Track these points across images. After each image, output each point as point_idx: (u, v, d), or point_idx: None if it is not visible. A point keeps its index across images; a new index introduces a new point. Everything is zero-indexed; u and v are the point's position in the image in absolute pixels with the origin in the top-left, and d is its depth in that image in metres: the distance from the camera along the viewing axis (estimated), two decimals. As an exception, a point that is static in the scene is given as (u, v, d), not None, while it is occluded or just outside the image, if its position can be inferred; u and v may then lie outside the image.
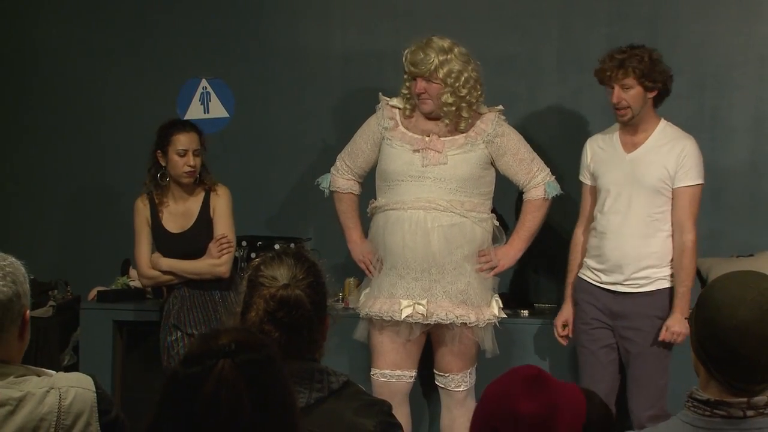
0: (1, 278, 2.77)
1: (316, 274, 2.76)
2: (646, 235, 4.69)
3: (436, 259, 4.67)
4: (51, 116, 6.05)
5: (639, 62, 4.65)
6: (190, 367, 2.02)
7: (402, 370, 4.79)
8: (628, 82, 4.66)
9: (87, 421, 2.82)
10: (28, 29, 6.05)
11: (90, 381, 2.87)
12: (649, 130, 4.76)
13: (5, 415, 2.73)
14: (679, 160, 4.68)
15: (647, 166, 4.69)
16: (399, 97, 4.84)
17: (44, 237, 5.88)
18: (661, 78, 4.71)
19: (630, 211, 4.70)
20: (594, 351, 4.74)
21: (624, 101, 4.68)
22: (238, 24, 5.82)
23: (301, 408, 2.29)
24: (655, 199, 4.69)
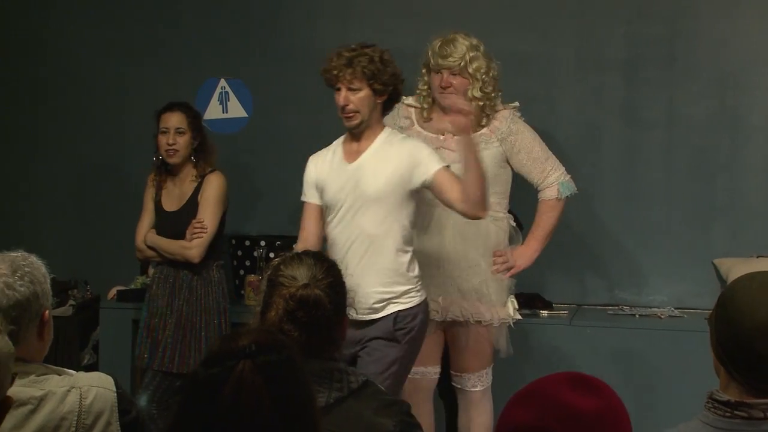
0: (20, 278, 2.79)
1: (336, 274, 2.78)
2: (375, 251, 4.28)
3: (450, 256, 4.67)
4: (70, 115, 6.07)
5: (369, 62, 4.27)
6: (211, 367, 2.03)
7: (426, 367, 4.79)
8: (356, 83, 4.29)
9: (107, 420, 2.83)
10: (47, 26, 6.06)
11: (111, 381, 2.88)
12: (372, 138, 4.35)
13: (26, 414, 2.74)
14: (412, 156, 4.27)
15: (370, 175, 4.30)
16: (415, 96, 4.84)
17: (64, 236, 5.90)
18: (392, 81, 4.31)
19: (354, 225, 4.31)
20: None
21: (352, 104, 4.31)
22: (257, 24, 5.83)
23: (320, 408, 2.29)
24: (379, 209, 4.29)
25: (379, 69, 4.27)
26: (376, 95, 4.29)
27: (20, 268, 2.80)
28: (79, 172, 6.08)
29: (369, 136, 4.34)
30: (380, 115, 4.36)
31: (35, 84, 6.10)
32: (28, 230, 5.94)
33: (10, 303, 2.76)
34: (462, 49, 4.66)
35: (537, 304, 5.35)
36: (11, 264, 2.81)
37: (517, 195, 4.90)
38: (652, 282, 5.56)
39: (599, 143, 5.63)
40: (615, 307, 5.49)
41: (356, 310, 4.11)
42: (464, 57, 4.65)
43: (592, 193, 5.52)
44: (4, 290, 2.76)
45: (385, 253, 4.27)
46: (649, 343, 5.08)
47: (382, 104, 4.34)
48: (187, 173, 5.10)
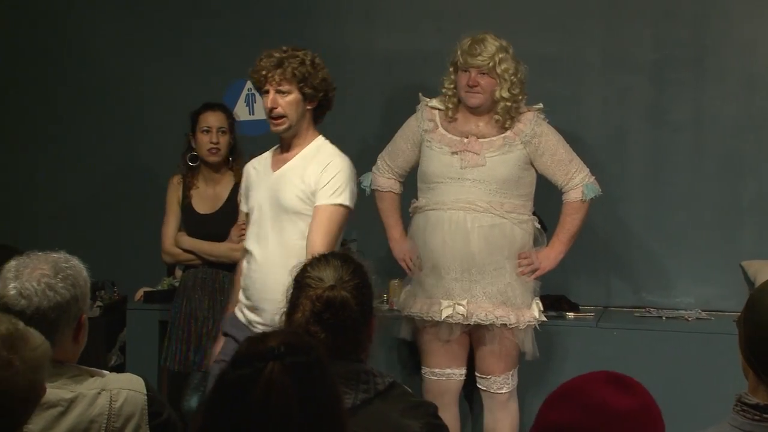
0: (62, 280, 2.80)
1: (363, 276, 2.78)
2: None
3: (476, 259, 4.66)
4: (94, 116, 6.09)
5: (300, 64, 4.12)
6: (239, 368, 2.03)
7: (452, 369, 4.79)
8: (285, 85, 4.13)
9: (137, 423, 2.84)
10: (70, 27, 6.08)
11: (141, 383, 2.89)
12: (300, 147, 4.21)
13: (56, 416, 2.75)
14: (323, 178, 4.09)
15: (287, 185, 4.15)
16: (439, 98, 4.83)
17: (91, 238, 5.92)
18: (323, 87, 4.18)
19: (272, 236, 4.15)
20: None
21: (280, 108, 4.14)
22: (283, 26, 5.83)
23: (347, 409, 2.29)
24: (299, 222, 4.12)
25: (310, 72, 4.12)
26: (306, 100, 4.15)
27: (62, 270, 2.81)
28: (106, 173, 6.11)
29: (298, 145, 4.19)
30: (311, 123, 4.20)
31: (59, 85, 6.12)
32: (55, 232, 5.97)
33: (50, 305, 2.77)
34: (492, 49, 4.66)
35: (563, 306, 5.34)
36: (54, 266, 2.82)
37: (541, 197, 4.88)
38: (679, 284, 5.54)
39: (626, 145, 5.61)
40: (642, 310, 5.48)
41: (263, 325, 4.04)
42: (494, 57, 4.65)
43: (618, 195, 5.51)
44: (45, 291, 2.77)
45: None
46: (676, 346, 5.05)
47: (312, 112, 4.19)
48: (223, 174, 5.10)
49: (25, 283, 2.77)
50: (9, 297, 2.76)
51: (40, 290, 2.76)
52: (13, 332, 2.26)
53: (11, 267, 2.81)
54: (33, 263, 2.81)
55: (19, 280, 2.78)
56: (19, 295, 2.76)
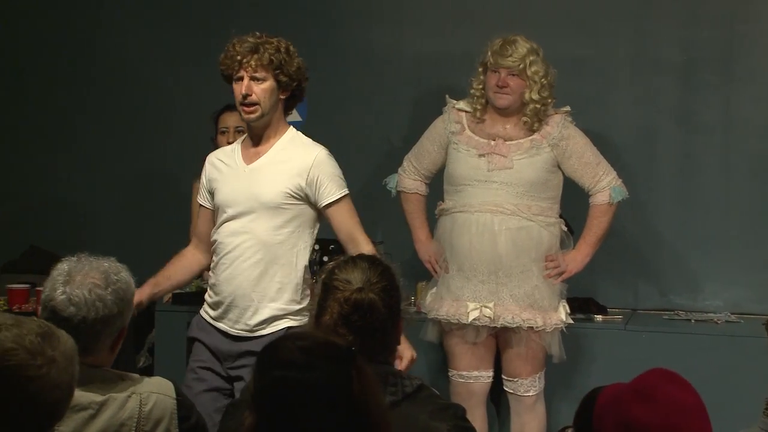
0: (112, 293, 2.81)
1: (390, 278, 2.77)
2: (268, 262, 4.04)
3: (503, 262, 4.66)
4: (125, 121, 6.12)
5: (276, 51, 4.00)
6: (306, 371, 2.05)
7: (479, 371, 4.79)
8: (261, 72, 3.99)
9: (166, 427, 2.85)
10: (101, 30, 6.11)
11: (171, 387, 2.90)
12: (273, 139, 4.09)
13: (87, 418, 2.76)
14: (315, 173, 4.02)
15: (265, 179, 4.04)
16: (466, 100, 4.83)
17: (120, 239, 5.94)
18: (297, 76, 4.05)
19: (247, 232, 4.05)
20: (195, 394, 3.91)
21: (254, 95, 4.00)
22: (311, 28, 5.84)
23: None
24: (276, 218, 4.06)
25: (285, 60, 4.00)
26: (280, 89, 4.02)
27: (113, 283, 2.83)
28: (134, 174, 6.13)
29: (270, 137, 4.08)
30: (282, 114, 4.09)
31: (88, 89, 6.15)
32: (85, 233, 6.00)
33: (97, 316, 2.79)
34: (522, 50, 4.65)
35: (591, 309, 5.32)
36: (105, 276, 2.83)
37: (569, 199, 4.87)
38: (708, 287, 5.51)
39: (655, 147, 5.59)
40: (670, 312, 5.45)
41: (242, 324, 4.02)
42: (524, 59, 4.64)
43: (647, 197, 5.49)
44: (95, 302, 2.79)
45: (279, 265, 4.03)
46: (705, 349, 5.03)
47: (284, 102, 4.08)
48: None
49: (75, 290, 2.78)
50: (58, 302, 2.78)
51: (90, 301, 2.78)
52: (47, 330, 2.28)
53: (63, 270, 2.83)
54: (85, 270, 2.82)
55: (69, 285, 2.79)
56: (69, 301, 2.77)
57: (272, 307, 4.04)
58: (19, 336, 2.22)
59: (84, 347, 2.74)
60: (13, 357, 2.19)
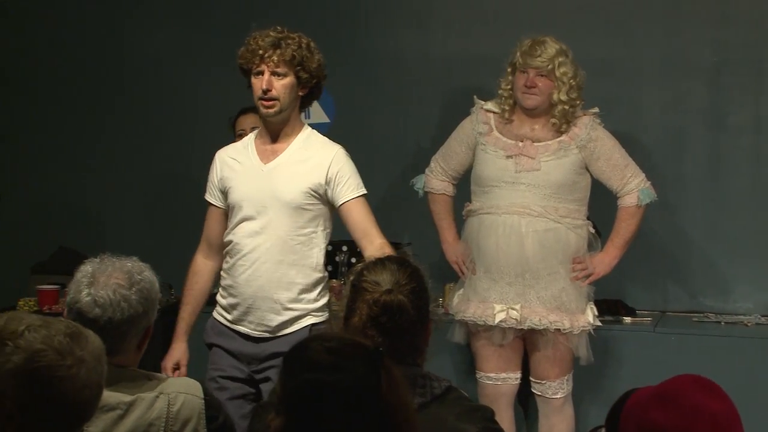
0: (136, 293, 2.83)
1: (419, 280, 2.77)
2: (289, 263, 4.01)
3: (530, 264, 4.64)
4: (152, 122, 6.14)
5: (297, 47, 3.95)
6: (334, 373, 2.05)
7: (506, 373, 4.78)
8: (282, 67, 3.94)
9: (194, 427, 2.85)
10: (126, 33, 6.13)
11: (198, 387, 2.90)
12: (290, 137, 4.06)
13: (115, 419, 2.77)
14: (337, 174, 3.99)
15: (285, 178, 4.00)
16: (494, 100, 4.82)
17: (149, 241, 5.96)
18: (317, 73, 4.00)
19: (267, 231, 4.00)
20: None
21: (274, 90, 3.95)
22: (339, 30, 5.85)
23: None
24: (297, 217, 4.00)
25: (306, 56, 3.95)
26: (300, 85, 3.97)
27: (137, 283, 2.84)
28: (160, 176, 6.15)
29: (287, 134, 4.03)
30: (298, 111, 4.04)
31: (116, 93, 6.17)
32: (111, 235, 6.02)
33: (123, 317, 2.80)
34: (552, 51, 4.64)
35: (620, 311, 5.30)
36: (129, 276, 2.84)
37: (597, 201, 4.85)
38: (738, 289, 5.48)
39: (684, 148, 5.57)
40: (700, 314, 5.42)
41: (264, 326, 3.99)
42: (553, 60, 4.63)
43: (677, 199, 5.47)
44: (120, 303, 2.80)
45: (300, 266, 4.01)
46: (735, 351, 5.00)
47: (302, 99, 4.02)
48: None
49: (100, 291, 2.80)
50: (83, 304, 2.79)
51: (115, 301, 2.79)
52: (75, 330, 2.29)
53: (86, 272, 2.84)
54: (108, 271, 2.83)
55: (94, 287, 2.80)
56: (94, 303, 2.79)
57: (294, 308, 4.02)
58: (48, 337, 2.23)
59: (111, 348, 2.74)
60: (43, 358, 2.20)
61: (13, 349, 2.21)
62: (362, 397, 2.04)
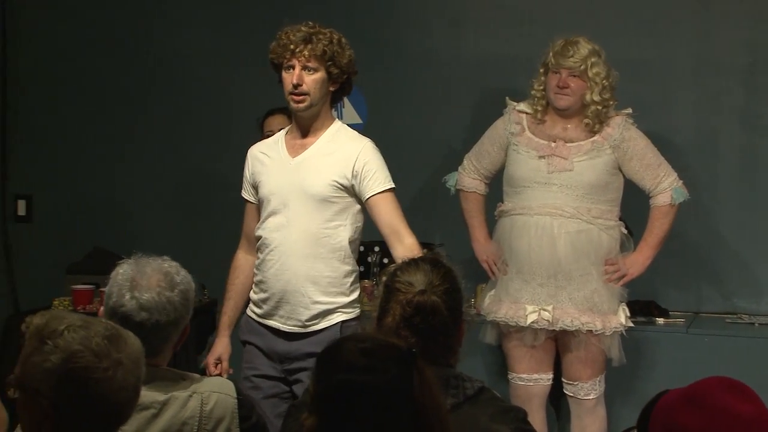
0: (178, 294, 2.85)
1: (452, 280, 2.77)
2: (316, 256, 4.01)
3: (562, 265, 4.63)
4: (186, 122, 6.16)
5: (329, 42, 3.94)
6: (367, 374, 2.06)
7: (538, 374, 4.77)
8: (313, 62, 3.93)
9: (228, 426, 2.86)
10: (157, 30, 6.15)
11: (231, 386, 2.92)
12: (319, 131, 4.04)
13: (149, 418, 2.78)
14: (365, 166, 3.98)
15: (312, 171, 4.00)
16: (527, 101, 4.81)
17: (182, 241, 5.98)
18: (348, 69, 3.99)
19: (295, 225, 4.00)
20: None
21: (305, 85, 3.93)
22: (371, 31, 5.85)
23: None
24: (325, 211, 4.00)
25: (338, 51, 3.93)
26: (331, 80, 3.95)
27: (177, 285, 2.86)
28: (195, 177, 6.17)
29: (316, 129, 4.02)
30: (329, 106, 4.03)
31: (146, 91, 6.19)
32: (145, 235, 6.04)
33: (168, 319, 2.83)
34: (584, 52, 4.63)
35: (653, 312, 5.28)
36: (170, 278, 2.86)
37: (629, 202, 4.84)
38: (771, 290, 5.46)
39: (717, 149, 5.54)
40: (733, 316, 5.39)
41: (295, 320, 3.99)
42: (586, 60, 4.62)
43: (710, 200, 5.44)
44: (165, 305, 2.82)
45: (328, 259, 4.00)
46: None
47: (332, 95, 4.02)
48: None
49: (144, 295, 2.81)
50: (129, 308, 2.80)
51: (160, 304, 2.81)
52: (114, 332, 2.30)
53: (126, 275, 2.85)
54: (148, 273, 2.85)
55: (137, 290, 2.82)
56: (140, 307, 2.80)
57: (324, 302, 4.01)
58: (86, 338, 2.24)
59: (154, 349, 2.78)
60: (80, 359, 2.22)
61: (52, 348, 2.23)
62: (394, 398, 2.04)
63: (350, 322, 4.03)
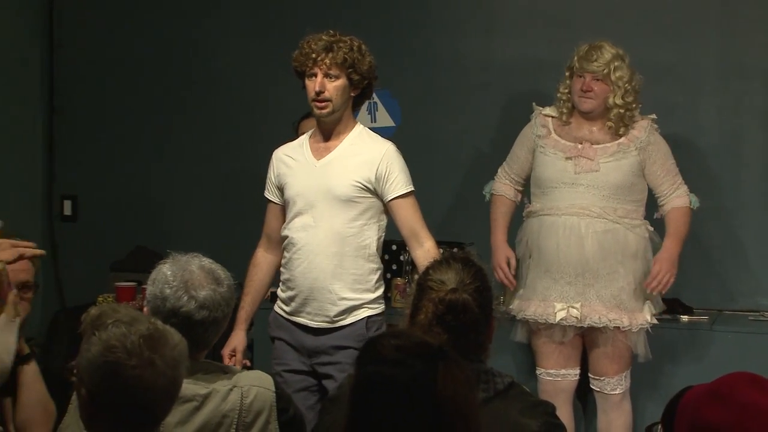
0: (227, 289, 2.88)
1: (483, 279, 2.77)
2: (342, 254, 4.03)
3: (589, 264, 4.61)
4: (222, 122, 6.18)
5: (349, 50, 3.96)
6: (395, 367, 2.07)
7: (566, 369, 4.76)
8: (334, 70, 3.97)
9: (266, 419, 2.88)
10: (202, 36, 6.18)
11: (270, 380, 2.93)
12: (342, 134, 4.08)
13: (191, 410, 2.80)
14: (387, 169, 4.02)
15: (337, 173, 4.03)
16: (553, 105, 4.81)
17: (221, 239, 6.00)
18: (368, 74, 4.02)
19: (321, 224, 4.03)
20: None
21: (327, 92, 3.97)
22: (404, 38, 5.85)
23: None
24: (350, 211, 4.03)
25: (358, 59, 3.96)
26: (352, 87, 3.99)
27: (223, 281, 2.90)
28: (230, 177, 6.18)
29: (339, 132, 4.06)
30: (351, 110, 4.07)
31: (187, 94, 6.22)
32: (184, 234, 6.07)
33: (223, 314, 2.88)
34: (608, 56, 4.62)
35: (677, 309, 5.26)
36: (215, 276, 2.89)
37: (649, 209, 4.83)
38: (795, 288, 5.43)
39: (741, 151, 5.51)
40: (756, 314, 5.35)
41: (322, 316, 4.02)
42: (609, 64, 4.61)
43: (733, 201, 5.41)
44: (220, 302, 2.85)
45: (353, 257, 4.03)
46: (791, 349, 4.95)
47: (354, 99, 4.05)
48: None
49: (200, 294, 2.84)
50: (189, 308, 2.83)
51: (216, 301, 2.84)
52: (153, 332, 2.32)
53: (175, 277, 2.87)
54: (195, 272, 2.87)
55: (193, 290, 2.84)
56: (200, 306, 2.83)
57: (350, 298, 4.04)
58: (124, 335, 2.28)
59: (207, 344, 2.83)
60: (113, 354, 2.27)
61: (96, 339, 2.29)
62: (416, 392, 2.04)
63: (375, 317, 4.06)
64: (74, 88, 6.33)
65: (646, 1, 5.58)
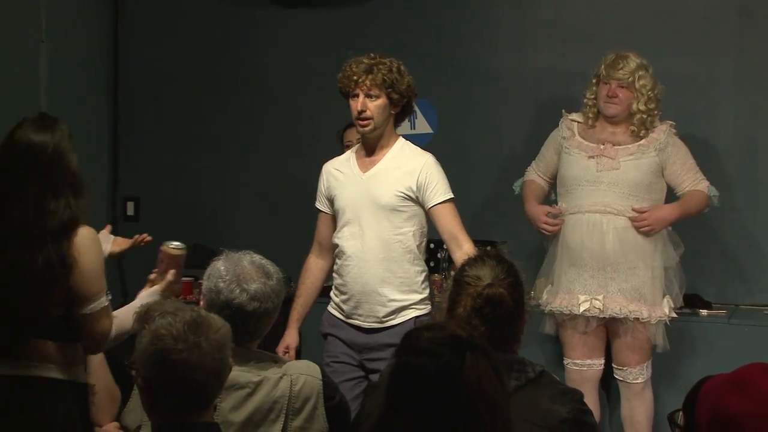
0: (276, 282, 2.90)
1: (515, 274, 2.77)
2: (390, 260, 4.04)
3: (610, 258, 4.61)
4: (271, 130, 6.20)
5: (388, 71, 3.98)
6: (424, 356, 2.07)
7: (591, 359, 4.76)
8: (375, 90, 4.00)
9: (314, 405, 2.89)
10: (250, 48, 6.19)
11: (317, 369, 2.94)
12: (385, 148, 4.09)
13: (244, 396, 2.82)
14: (423, 176, 4.03)
15: (382, 184, 4.04)
16: (579, 111, 4.82)
17: (271, 236, 6.02)
18: (407, 93, 4.04)
19: (368, 232, 4.05)
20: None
21: (368, 111, 4.00)
22: (441, 49, 5.85)
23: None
24: (394, 219, 4.04)
25: (397, 79, 3.99)
26: (392, 105, 4.02)
27: (272, 275, 2.91)
28: (280, 182, 6.19)
29: (382, 147, 4.08)
30: (393, 126, 4.09)
31: (239, 101, 6.23)
32: (235, 231, 6.10)
33: (273, 305, 2.90)
34: (633, 65, 4.63)
35: (696, 304, 5.23)
36: (265, 270, 2.91)
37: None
38: (807, 285, 5.37)
39: (756, 156, 5.46)
40: (771, 307, 5.33)
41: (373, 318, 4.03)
42: (634, 73, 4.62)
43: (748, 203, 5.38)
44: (270, 294, 2.87)
45: (400, 261, 4.04)
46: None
47: (395, 116, 4.08)
48: None
49: (252, 286, 2.86)
50: (242, 300, 2.85)
51: (266, 293, 2.87)
52: (197, 318, 2.37)
53: (228, 271, 2.89)
54: (246, 267, 2.89)
55: (245, 283, 2.86)
56: (251, 298, 2.85)
57: (398, 299, 4.05)
58: (170, 324, 2.33)
59: (259, 334, 2.85)
60: (160, 341, 2.32)
61: (146, 332, 2.36)
62: (443, 379, 2.04)
63: (423, 317, 4.07)
64: (136, 98, 6.37)
65: (667, 17, 5.55)
